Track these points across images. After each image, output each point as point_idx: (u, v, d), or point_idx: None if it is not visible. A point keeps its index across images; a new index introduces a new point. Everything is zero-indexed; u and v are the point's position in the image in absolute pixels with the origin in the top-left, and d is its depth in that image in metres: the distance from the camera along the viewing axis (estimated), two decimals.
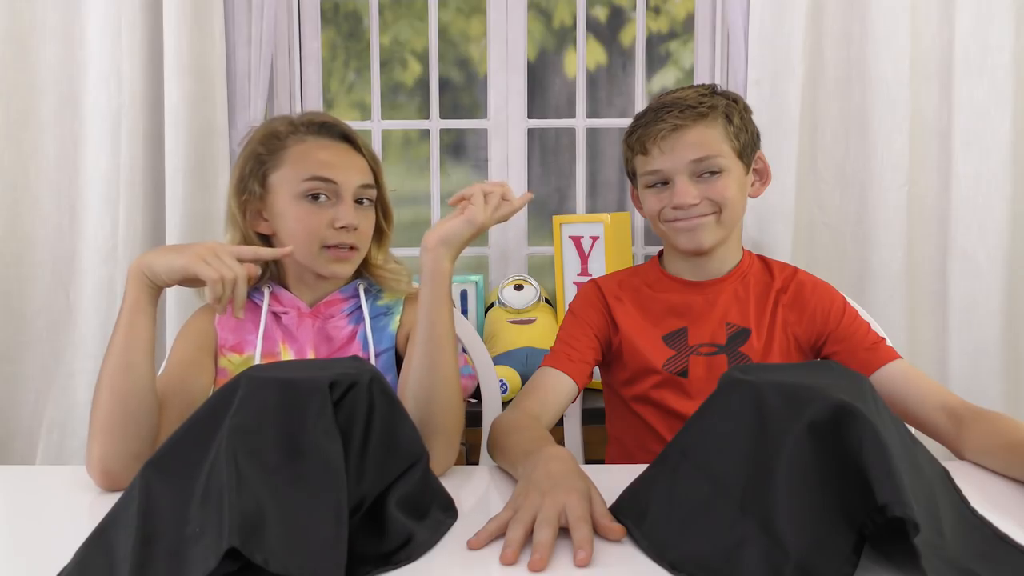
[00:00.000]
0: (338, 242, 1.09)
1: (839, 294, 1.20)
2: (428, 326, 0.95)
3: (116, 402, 0.91)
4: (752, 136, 1.18)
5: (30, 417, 1.80)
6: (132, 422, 0.91)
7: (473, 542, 0.72)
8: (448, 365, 0.95)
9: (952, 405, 1.02)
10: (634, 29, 2.02)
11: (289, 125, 1.13)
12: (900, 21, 1.72)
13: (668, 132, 1.12)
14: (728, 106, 1.15)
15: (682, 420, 1.04)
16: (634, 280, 1.24)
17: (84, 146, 1.77)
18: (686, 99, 1.14)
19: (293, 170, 1.09)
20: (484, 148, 2.05)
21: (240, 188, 1.12)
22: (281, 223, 1.10)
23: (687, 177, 1.13)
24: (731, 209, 1.14)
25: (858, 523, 0.60)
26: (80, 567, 0.65)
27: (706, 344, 1.17)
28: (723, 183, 1.13)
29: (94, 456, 0.90)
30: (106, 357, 0.93)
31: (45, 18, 1.77)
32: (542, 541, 0.68)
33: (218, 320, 1.12)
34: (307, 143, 1.11)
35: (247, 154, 1.13)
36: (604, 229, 1.79)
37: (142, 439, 0.91)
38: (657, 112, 1.14)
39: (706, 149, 1.12)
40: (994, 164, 1.73)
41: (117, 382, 0.91)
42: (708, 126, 1.13)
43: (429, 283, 0.96)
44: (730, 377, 0.74)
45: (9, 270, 1.78)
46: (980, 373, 1.76)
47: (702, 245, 1.15)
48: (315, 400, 0.69)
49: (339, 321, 1.13)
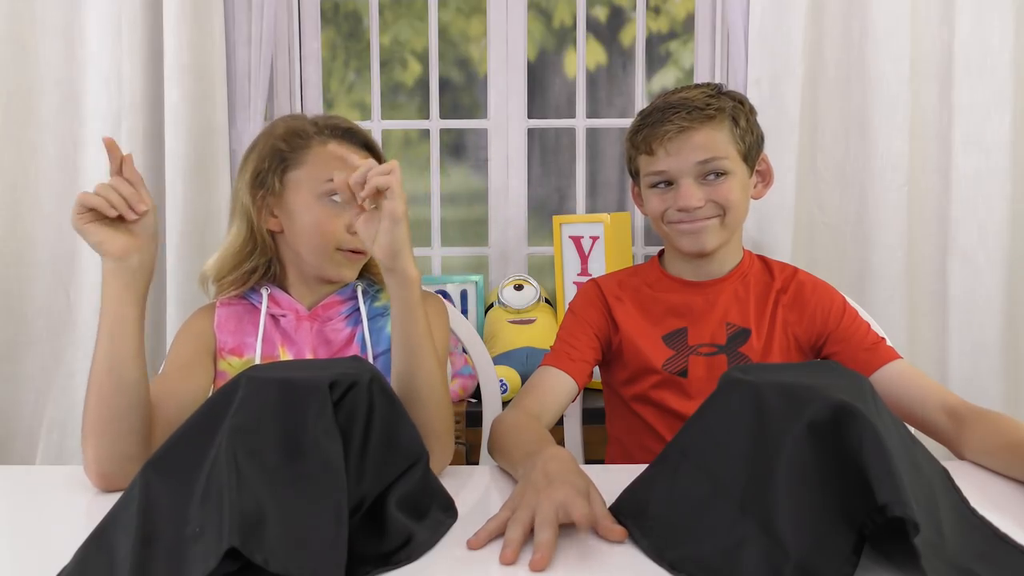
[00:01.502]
0: (352, 247, 1.09)
1: (839, 294, 1.20)
2: (405, 334, 0.93)
3: (104, 403, 0.90)
4: (757, 138, 1.18)
5: (30, 417, 1.80)
6: (122, 422, 0.90)
7: (472, 542, 0.72)
8: (429, 368, 0.94)
9: (952, 405, 1.02)
10: (634, 29, 2.02)
11: (313, 126, 1.12)
12: (900, 21, 1.72)
13: (675, 134, 1.11)
14: (735, 108, 1.15)
15: (681, 420, 1.04)
16: (634, 280, 1.24)
17: (84, 146, 1.77)
18: (693, 100, 1.13)
19: (316, 170, 1.09)
20: (484, 148, 2.05)
21: (257, 182, 1.11)
22: (294, 221, 1.10)
23: (692, 179, 1.12)
24: (735, 212, 1.14)
25: (858, 523, 0.60)
26: (80, 567, 0.65)
27: (706, 344, 1.17)
28: (728, 186, 1.13)
29: (88, 458, 0.90)
30: (93, 357, 0.92)
31: (45, 18, 1.77)
32: (543, 541, 0.68)
33: (217, 323, 1.12)
34: (331, 146, 1.10)
35: (267, 149, 1.12)
36: (604, 229, 1.79)
37: (134, 439, 0.90)
38: (664, 112, 1.13)
39: (712, 151, 1.12)
40: (994, 164, 1.73)
41: (103, 382, 0.90)
42: (715, 128, 1.12)
43: (400, 291, 0.93)
44: (730, 377, 0.74)
45: (9, 270, 1.78)
46: (980, 373, 1.76)
47: (705, 248, 1.15)
48: (315, 400, 0.69)
49: (337, 324, 1.13)
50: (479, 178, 2.07)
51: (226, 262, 1.13)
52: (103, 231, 0.90)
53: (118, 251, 0.90)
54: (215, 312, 1.13)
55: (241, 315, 1.13)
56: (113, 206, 0.89)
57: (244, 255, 1.12)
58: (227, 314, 1.13)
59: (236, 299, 1.14)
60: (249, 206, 1.11)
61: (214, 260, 1.14)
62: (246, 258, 1.12)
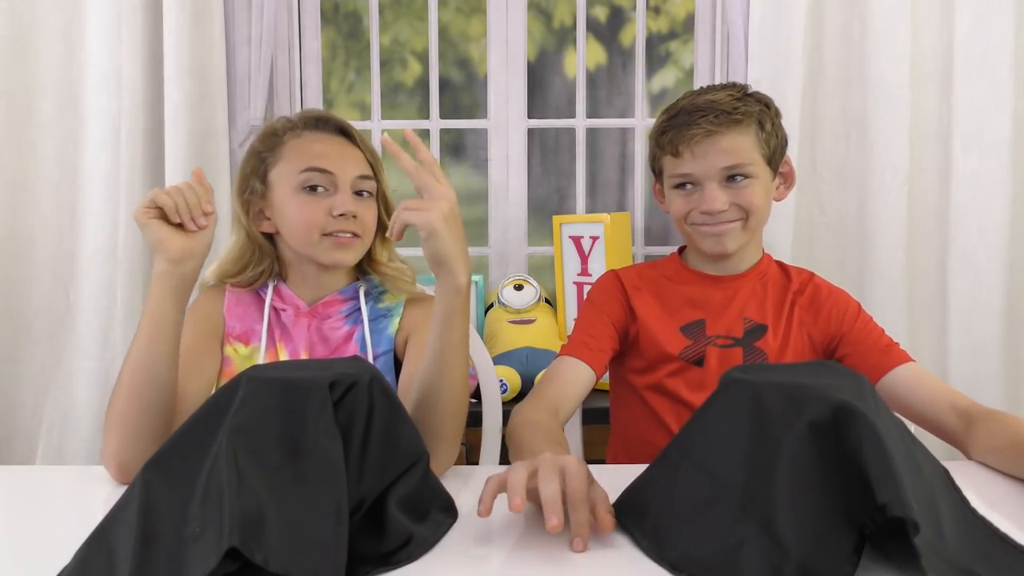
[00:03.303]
0: (337, 229, 1.08)
1: (854, 299, 1.22)
2: (439, 339, 0.91)
3: (135, 396, 0.91)
4: (781, 141, 1.19)
5: (30, 417, 1.80)
6: (149, 418, 0.91)
7: (481, 510, 0.70)
8: (457, 375, 0.93)
9: (963, 406, 1.03)
10: (634, 29, 2.02)
11: (287, 122, 1.14)
12: (900, 21, 1.72)
13: (702, 137, 1.11)
14: (761, 112, 1.15)
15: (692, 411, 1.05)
16: (653, 272, 1.26)
17: (84, 146, 1.77)
18: (721, 103, 1.12)
19: (290, 164, 1.10)
20: (484, 148, 2.05)
21: (242, 187, 1.13)
22: (281, 217, 1.10)
23: (717, 183, 1.13)
24: (757, 215, 1.15)
25: (858, 523, 0.60)
26: (80, 567, 0.65)
27: (722, 336, 1.18)
28: (752, 190, 1.14)
29: (110, 449, 0.90)
30: (129, 350, 0.93)
31: (45, 18, 1.77)
32: (551, 497, 0.67)
33: (227, 306, 1.13)
34: (303, 137, 1.12)
35: (248, 153, 1.15)
36: (604, 229, 1.79)
37: (156, 435, 0.90)
38: (691, 115, 1.13)
39: (738, 157, 1.12)
40: (994, 164, 1.73)
41: (137, 378, 0.91)
42: (741, 133, 1.13)
43: (442, 295, 0.91)
44: (730, 377, 0.74)
45: (9, 270, 1.78)
46: (980, 373, 1.76)
47: (727, 250, 1.16)
48: (315, 400, 0.69)
49: (335, 322, 1.13)
50: (479, 178, 2.07)
51: (226, 268, 1.14)
52: (165, 230, 0.92)
53: (176, 254, 0.92)
54: (225, 295, 1.14)
55: (248, 303, 1.14)
56: (178, 211, 0.91)
57: (243, 263, 1.13)
58: (236, 299, 1.13)
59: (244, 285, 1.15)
60: (239, 212, 1.12)
61: (214, 268, 1.15)
62: (246, 266, 1.13)
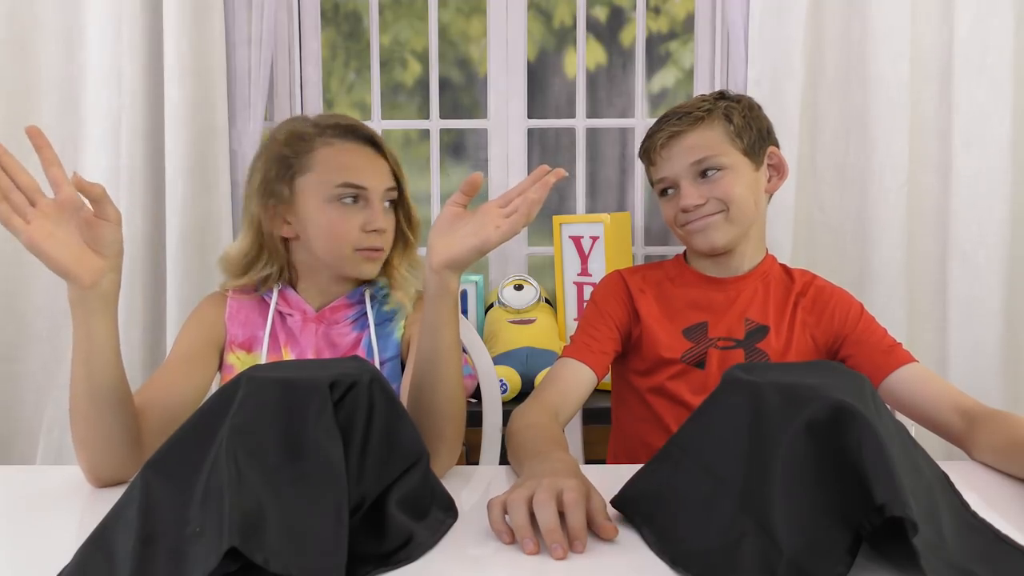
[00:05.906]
0: (369, 245, 1.09)
1: (857, 300, 1.22)
2: (432, 344, 0.92)
3: (87, 422, 0.87)
4: (759, 132, 1.20)
5: (30, 417, 1.80)
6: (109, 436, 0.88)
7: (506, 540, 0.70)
8: (452, 379, 0.93)
9: (965, 406, 1.03)
10: (634, 29, 2.02)
11: (314, 127, 1.11)
12: (900, 21, 1.72)
13: (666, 139, 1.17)
14: (728, 107, 1.18)
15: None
16: (657, 274, 1.26)
17: (84, 146, 1.77)
18: (685, 107, 1.19)
19: (323, 175, 1.08)
20: (484, 148, 2.05)
21: (266, 192, 1.09)
22: (308, 226, 1.09)
23: (690, 180, 1.16)
24: (739, 206, 1.16)
25: (855, 523, 0.60)
26: (80, 567, 0.65)
27: (724, 338, 1.18)
28: (727, 181, 1.15)
29: (83, 467, 0.90)
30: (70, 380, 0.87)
31: (45, 18, 1.77)
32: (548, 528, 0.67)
33: (228, 314, 1.12)
34: (334, 146, 1.09)
35: (271, 157, 1.10)
36: (604, 229, 1.79)
37: (124, 447, 0.89)
38: (659, 123, 1.20)
39: (704, 151, 1.15)
40: (994, 164, 1.73)
41: (83, 405, 0.87)
42: (707, 128, 1.16)
43: (435, 302, 0.92)
44: (730, 376, 0.74)
45: (9, 270, 1.77)
46: (980, 373, 1.75)
47: (715, 244, 1.17)
48: (315, 400, 0.69)
49: (343, 328, 1.13)
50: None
51: (232, 264, 1.12)
52: (64, 251, 0.79)
53: (89, 279, 0.81)
54: (227, 303, 1.13)
55: (251, 309, 1.13)
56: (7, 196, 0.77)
57: (249, 262, 1.11)
58: (238, 306, 1.13)
59: (247, 291, 1.14)
60: (261, 216, 1.09)
61: (224, 254, 1.13)
62: (251, 265, 1.11)
